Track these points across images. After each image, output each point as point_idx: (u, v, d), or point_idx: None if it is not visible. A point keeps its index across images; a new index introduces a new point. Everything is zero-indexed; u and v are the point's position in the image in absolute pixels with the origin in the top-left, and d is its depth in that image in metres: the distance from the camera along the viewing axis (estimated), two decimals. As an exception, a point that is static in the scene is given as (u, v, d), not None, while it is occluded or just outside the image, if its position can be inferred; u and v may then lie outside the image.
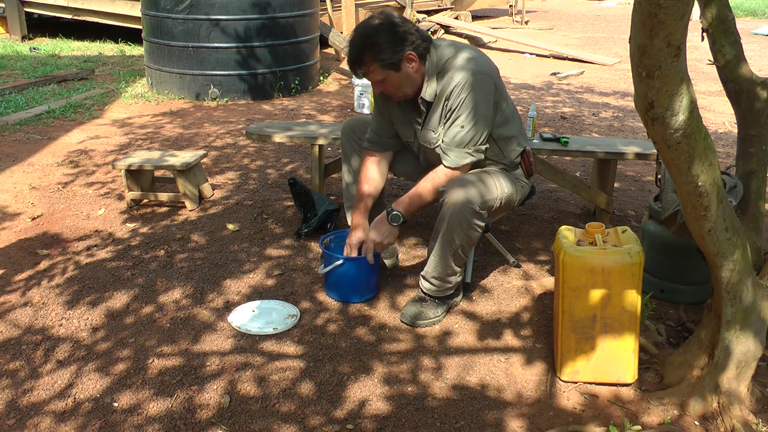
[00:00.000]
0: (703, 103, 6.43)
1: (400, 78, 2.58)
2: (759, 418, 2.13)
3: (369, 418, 2.17)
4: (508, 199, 2.70)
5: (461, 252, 2.58)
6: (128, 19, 8.56)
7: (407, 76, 2.58)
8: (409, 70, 2.57)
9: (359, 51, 2.54)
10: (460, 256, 2.60)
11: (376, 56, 2.52)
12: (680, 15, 1.55)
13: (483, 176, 2.63)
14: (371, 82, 2.63)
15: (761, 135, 2.45)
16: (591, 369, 2.31)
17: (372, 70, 2.56)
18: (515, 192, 2.75)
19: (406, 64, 2.55)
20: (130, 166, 3.64)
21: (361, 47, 2.53)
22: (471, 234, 2.54)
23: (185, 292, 2.90)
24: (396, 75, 2.57)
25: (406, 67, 2.56)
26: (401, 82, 2.59)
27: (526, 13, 12.34)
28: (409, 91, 2.64)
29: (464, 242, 2.55)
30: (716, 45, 2.41)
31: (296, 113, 5.94)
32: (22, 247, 3.28)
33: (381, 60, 2.52)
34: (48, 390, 2.27)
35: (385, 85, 2.61)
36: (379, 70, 2.55)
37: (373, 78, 2.59)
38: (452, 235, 2.53)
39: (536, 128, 4.25)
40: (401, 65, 2.55)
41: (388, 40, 2.51)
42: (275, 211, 3.75)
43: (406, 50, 2.53)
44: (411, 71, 2.58)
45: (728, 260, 2.06)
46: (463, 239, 2.54)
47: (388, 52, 2.51)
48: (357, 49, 2.55)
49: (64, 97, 6.19)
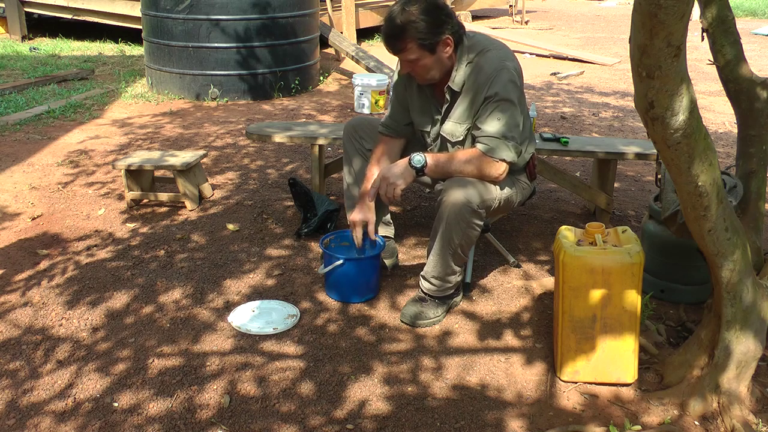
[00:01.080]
0: (703, 103, 6.43)
1: (433, 61, 2.55)
2: (759, 418, 2.13)
3: (369, 418, 2.17)
4: (507, 200, 2.70)
5: (460, 251, 2.58)
6: (128, 19, 8.55)
7: (440, 60, 2.56)
8: (443, 54, 2.55)
9: (399, 27, 2.49)
10: (460, 255, 2.60)
11: (415, 35, 2.48)
12: (680, 15, 1.55)
13: None
14: (402, 60, 2.59)
15: (761, 135, 2.45)
16: (591, 369, 2.31)
17: (408, 47, 2.51)
18: (515, 193, 2.74)
19: (442, 48, 2.54)
20: (130, 166, 3.64)
21: (402, 25, 2.49)
22: (470, 233, 2.54)
23: (185, 292, 2.90)
24: (430, 57, 2.54)
25: (441, 51, 2.54)
26: (433, 65, 2.57)
27: (526, 13, 12.34)
28: (437, 76, 2.61)
29: (463, 241, 2.55)
30: (716, 45, 2.41)
31: (296, 113, 5.94)
32: (22, 247, 3.28)
33: (420, 39, 2.49)
34: (48, 390, 2.27)
35: (416, 65, 2.57)
36: (416, 50, 2.51)
37: (406, 56, 2.55)
38: (451, 234, 2.53)
39: (536, 128, 4.24)
40: (437, 48, 2.53)
41: (429, 20, 2.48)
42: (275, 211, 3.75)
43: (445, 34, 2.51)
44: (444, 56, 2.56)
45: (728, 260, 2.06)
46: (462, 238, 2.54)
47: (427, 32, 2.48)
48: (397, 26, 2.50)
49: (64, 97, 6.19)
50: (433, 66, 2.57)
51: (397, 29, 2.50)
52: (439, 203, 2.55)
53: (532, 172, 2.81)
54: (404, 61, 2.60)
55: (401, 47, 2.53)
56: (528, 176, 2.81)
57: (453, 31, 2.54)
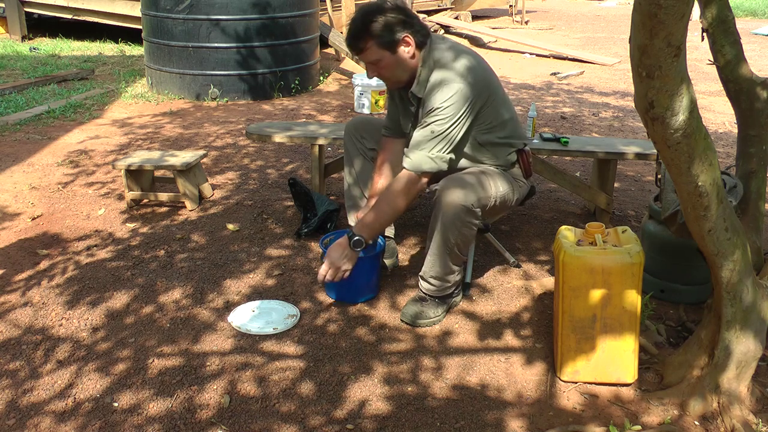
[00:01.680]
0: (703, 103, 6.43)
1: (395, 61, 2.57)
2: (759, 418, 2.13)
3: (369, 418, 2.17)
4: (504, 199, 2.69)
5: (457, 251, 2.58)
6: (128, 19, 8.55)
7: (402, 60, 2.58)
8: (405, 54, 2.57)
9: (359, 27, 2.54)
10: (457, 254, 2.60)
11: (374, 33, 2.52)
12: (680, 15, 1.55)
13: (479, 174, 2.62)
14: (366, 63, 2.62)
15: (761, 135, 2.45)
16: (591, 369, 2.31)
17: (368, 47, 2.55)
18: (512, 191, 2.74)
19: (402, 47, 2.55)
20: (130, 166, 3.64)
21: (361, 23, 2.54)
22: (466, 232, 2.54)
23: (185, 292, 2.90)
24: (391, 57, 2.56)
25: (402, 51, 2.56)
26: (396, 65, 2.58)
27: (526, 13, 12.34)
28: (403, 78, 2.63)
29: (460, 241, 2.55)
30: (716, 45, 2.41)
31: (296, 113, 5.94)
32: (22, 247, 3.28)
33: (378, 37, 2.52)
34: (48, 390, 2.27)
35: (380, 67, 2.60)
36: (375, 49, 2.55)
37: (368, 57, 2.58)
38: (447, 233, 2.53)
39: (536, 128, 4.24)
40: (397, 47, 2.55)
41: (387, 20, 2.52)
42: (275, 211, 3.75)
43: (404, 32, 2.53)
44: (406, 56, 2.57)
45: (728, 260, 2.06)
46: (459, 238, 2.54)
47: (386, 30, 2.51)
48: (356, 25, 2.55)
49: (64, 97, 6.19)
50: (395, 67, 2.59)
51: (356, 29, 2.55)
52: (434, 203, 2.55)
53: (528, 169, 2.79)
54: (369, 65, 2.62)
55: (362, 47, 2.56)
56: (524, 174, 2.80)
57: (414, 31, 2.55)
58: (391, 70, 2.61)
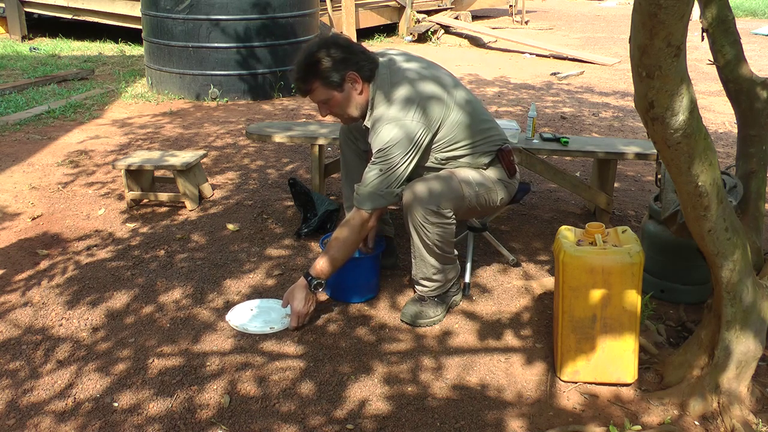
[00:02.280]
0: (703, 103, 6.43)
1: (344, 99, 2.55)
2: (759, 418, 2.13)
3: (369, 418, 2.17)
4: (484, 199, 2.66)
5: (439, 251, 2.58)
6: (128, 19, 8.56)
7: (351, 98, 2.56)
8: (352, 91, 2.55)
9: (303, 70, 2.53)
10: (441, 254, 2.59)
11: (318, 74, 2.50)
12: (680, 15, 1.55)
13: (446, 176, 2.59)
14: (317, 104, 2.61)
15: (761, 135, 2.45)
16: (591, 369, 2.31)
17: (315, 88, 2.54)
18: (494, 191, 2.69)
19: (349, 84, 2.53)
20: (130, 166, 3.64)
21: (304, 66, 2.53)
22: (439, 232, 2.53)
23: (185, 292, 2.90)
24: (339, 95, 2.54)
25: (349, 88, 2.54)
26: (344, 103, 2.57)
27: (526, 13, 12.34)
28: (356, 114, 2.61)
29: (437, 240, 2.54)
30: (716, 45, 2.41)
31: (296, 113, 5.94)
32: (22, 247, 3.28)
33: (323, 78, 2.50)
34: (48, 390, 2.27)
35: (330, 106, 2.59)
36: (322, 89, 2.53)
37: (317, 98, 2.57)
38: (419, 235, 2.54)
39: (536, 128, 4.24)
40: (344, 85, 2.53)
41: (330, 59, 2.50)
42: (275, 211, 3.76)
43: (348, 69, 2.51)
44: (354, 93, 2.55)
45: (728, 260, 2.06)
46: (434, 238, 2.53)
47: (330, 70, 2.49)
48: (301, 67, 2.54)
49: (64, 97, 6.19)
50: (345, 104, 2.57)
51: (301, 72, 2.54)
52: (403, 208, 2.56)
53: (511, 167, 2.73)
54: (320, 105, 2.61)
55: (308, 88, 2.55)
56: (507, 173, 2.74)
57: (358, 67, 2.52)
58: (342, 108, 2.59)
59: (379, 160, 2.50)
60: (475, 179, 2.64)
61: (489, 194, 2.68)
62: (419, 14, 10.55)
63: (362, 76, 2.54)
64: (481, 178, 2.66)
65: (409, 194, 2.51)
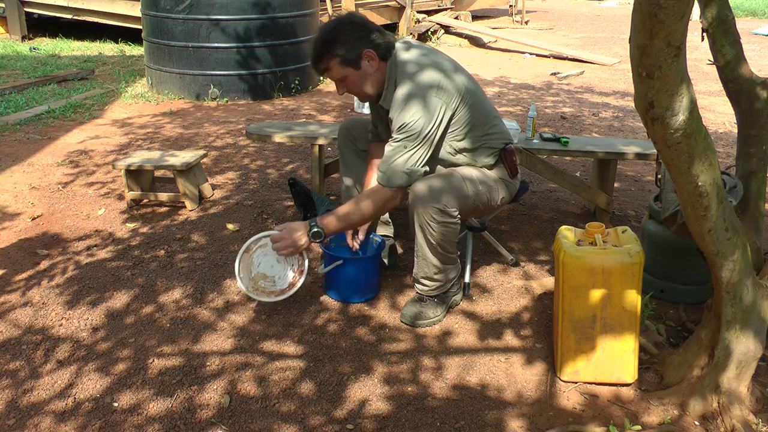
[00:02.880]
0: (703, 103, 6.43)
1: (360, 77, 2.57)
2: (759, 418, 2.13)
3: (369, 418, 2.17)
4: (486, 198, 2.67)
5: (442, 250, 2.58)
6: (128, 19, 8.56)
7: (367, 75, 2.58)
8: (369, 68, 2.56)
9: (320, 47, 2.55)
10: (443, 254, 2.59)
11: (335, 52, 2.52)
12: (680, 15, 1.55)
13: (452, 175, 2.60)
14: (334, 81, 2.62)
15: (761, 135, 2.45)
16: (591, 369, 2.31)
17: (332, 66, 2.56)
18: (495, 190, 2.70)
19: (366, 62, 2.55)
20: (130, 166, 3.64)
21: (321, 44, 2.54)
22: (444, 231, 2.53)
23: (185, 292, 2.90)
24: (355, 73, 2.56)
25: (366, 66, 2.56)
26: (361, 81, 2.59)
27: (526, 13, 12.34)
28: (371, 92, 2.63)
29: (441, 240, 2.54)
30: (716, 45, 2.41)
31: (296, 113, 5.94)
32: (22, 247, 3.28)
33: (340, 56, 2.52)
34: (48, 390, 2.27)
35: (347, 84, 2.61)
36: (338, 67, 2.55)
37: (333, 76, 2.59)
38: (425, 234, 2.54)
39: (536, 128, 4.24)
40: (360, 63, 2.55)
41: (347, 36, 2.52)
42: (275, 211, 3.76)
43: (365, 47, 2.53)
44: (370, 70, 2.57)
45: (728, 260, 2.06)
46: (438, 237, 2.53)
47: (346, 47, 2.52)
48: (317, 45, 2.56)
49: (64, 97, 6.20)
50: (361, 82, 2.59)
51: (317, 49, 2.55)
52: (409, 206, 2.56)
53: (513, 168, 2.74)
54: (337, 83, 2.62)
55: (325, 67, 2.57)
56: (509, 173, 2.75)
57: (375, 45, 2.54)
58: (358, 86, 2.61)
59: (402, 136, 2.49)
60: (478, 178, 2.65)
61: (491, 193, 2.68)
62: (419, 14, 10.55)
63: (378, 54, 2.55)
64: (483, 176, 2.67)
65: (416, 193, 2.51)
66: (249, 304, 2.81)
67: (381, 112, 2.78)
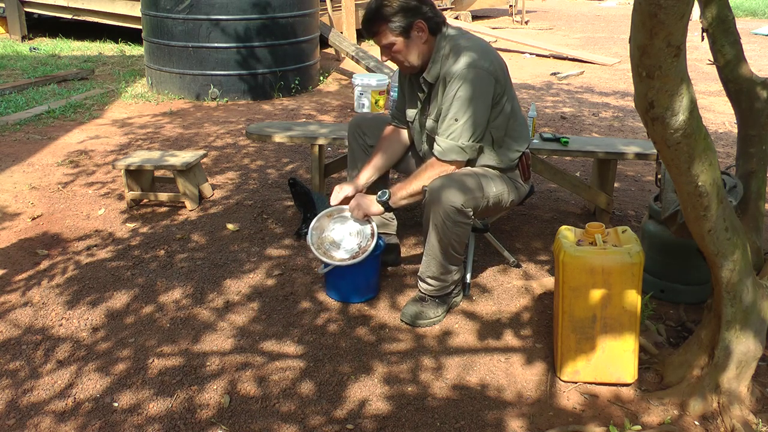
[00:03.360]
0: (703, 103, 6.43)
1: (408, 46, 2.62)
2: (759, 418, 2.13)
3: (369, 417, 2.17)
4: (498, 199, 2.69)
5: (452, 250, 2.58)
6: (128, 19, 8.55)
7: (415, 46, 2.63)
8: (418, 40, 2.62)
9: (373, 12, 2.61)
10: (452, 254, 2.60)
11: (387, 19, 2.58)
12: (680, 15, 1.55)
13: (471, 175, 2.62)
14: (381, 46, 2.67)
15: (761, 135, 2.45)
16: (591, 369, 2.31)
17: (382, 31, 2.61)
18: (507, 192, 2.73)
19: (416, 32, 2.60)
20: (130, 166, 3.64)
21: (375, 7, 2.61)
22: (459, 232, 2.54)
23: (185, 292, 2.90)
24: (404, 42, 2.61)
25: (415, 36, 2.61)
26: (408, 50, 2.63)
27: (526, 13, 12.34)
28: (416, 63, 2.67)
29: (454, 240, 2.55)
30: (716, 45, 2.41)
31: (296, 113, 5.94)
32: (22, 247, 3.28)
33: (391, 23, 2.58)
34: (48, 390, 2.27)
35: (393, 51, 2.65)
36: (388, 33, 2.60)
37: (381, 41, 2.64)
38: (440, 234, 2.54)
39: (536, 128, 4.24)
40: (411, 32, 2.60)
41: (401, 6, 2.58)
42: (275, 211, 3.76)
43: (417, 18, 2.59)
44: (419, 42, 2.62)
45: (728, 260, 2.06)
46: (452, 237, 2.54)
47: (399, 16, 2.57)
48: (371, 10, 2.62)
49: (64, 97, 6.19)
50: (408, 51, 2.64)
51: (371, 13, 2.62)
52: (425, 203, 2.57)
53: (526, 171, 2.79)
54: (383, 48, 2.67)
55: (375, 30, 2.63)
56: (522, 176, 2.79)
57: (426, 18, 2.60)
58: (404, 55, 2.65)
59: (454, 109, 2.55)
60: (494, 179, 2.67)
61: (502, 196, 2.70)
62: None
63: (429, 26, 2.61)
64: (498, 178, 2.69)
65: (434, 191, 2.52)
66: (249, 304, 2.81)
67: (413, 88, 2.80)
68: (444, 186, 2.51)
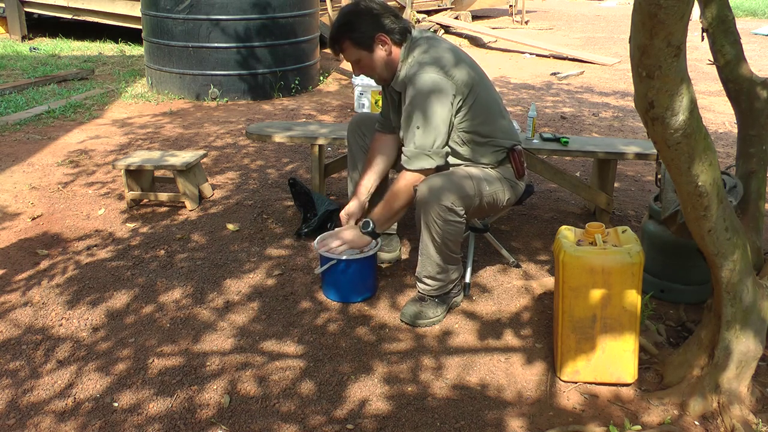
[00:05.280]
0: (703, 103, 6.43)
1: (373, 59, 2.66)
2: (759, 418, 2.13)
3: (369, 417, 2.17)
4: (492, 198, 2.69)
5: (447, 250, 2.58)
6: (128, 19, 8.56)
7: (380, 58, 2.66)
8: (382, 52, 2.65)
9: (336, 29, 2.66)
10: (447, 253, 2.60)
11: (349, 35, 2.63)
12: (680, 15, 1.55)
13: (460, 174, 2.62)
14: (349, 63, 2.72)
15: (761, 135, 2.45)
16: (591, 369, 2.31)
17: (346, 48, 2.66)
18: (501, 191, 2.72)
19: (379, 46, 2.63)
20: (130, 165, 3.64)
21: (337, 26, 2.66)
22: (450, 230, 2.54)
23: (185, 292, 2.90)
24: (368, 56, 2.65)
25: (379, 50, 2.64)
26: (374, 64, 2.67)
27: (526, 13, 12.34)
28: (385, 74, 2.71)
29: (446, 239, 2.55)
30: (716, 45, 2.41)
31: (296, 113, 5.94)
32: (22, 247, 3.28)
33: (353, 39, 2.63)
34: (48, 390, 2.27)
35: (361, 66, 2.71)
36: (352, 49, 2.65)
37: (348, 57, 2.70)
38: (431, 233, 2.55)
39: (536, 128, 4.24)
40: (373, 46, 2.63)
41: (362, 21, 2.62)
42: (275, 211, 3.76)
43: (378, 32, 2.61)
44: (384, 54, 2.65)
45: (728, 260, 2.06)
46: (444, 236, 2.54)
47: (360, 31, 2.62)
48: (334, 27, 2.67)
49: (64, 97, 6.20)
50: (375, 65, 2.68)
51: (333, 31, 2.68)
52: (416, 203, 2.58)
53: (519, 169, 2.77)
54: (352, 64, 2.72)
55: (340, 48, 2.69)
56: (515, 173, 2.78)
57: (388, 30, 2.63)
58: (372, 69, 2.70)
59: (414, 116, 2.57)
60: (486, 178, 2.67)
61: (497, 194, 2.70)
62: (419, 14, 10.55)
63: (392, 39, 2.64)
64: (490, 177, 2.69)
65: (422, 191, 2.53)
66: (249, 304, 2.81)
67: (394, 95, 2.82)
68: (433, 185, 2.52)
